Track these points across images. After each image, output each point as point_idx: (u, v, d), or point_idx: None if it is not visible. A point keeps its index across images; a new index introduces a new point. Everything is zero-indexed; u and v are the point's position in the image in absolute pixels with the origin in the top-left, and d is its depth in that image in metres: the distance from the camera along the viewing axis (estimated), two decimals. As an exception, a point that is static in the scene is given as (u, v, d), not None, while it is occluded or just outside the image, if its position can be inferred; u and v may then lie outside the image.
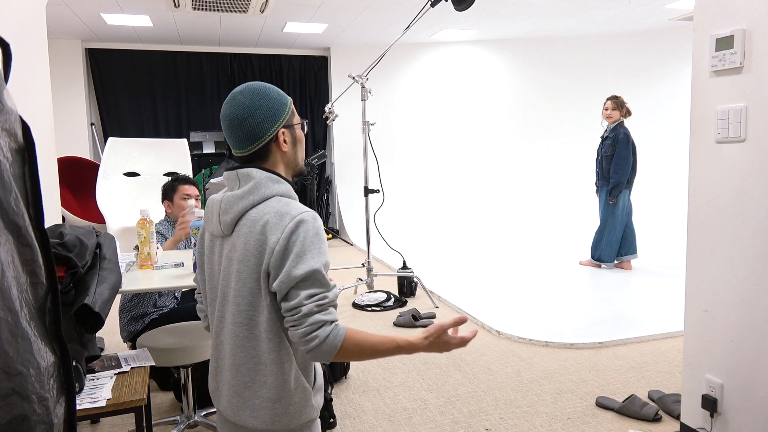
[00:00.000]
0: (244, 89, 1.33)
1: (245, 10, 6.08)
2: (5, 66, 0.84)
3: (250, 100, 1.30)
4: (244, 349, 1.29)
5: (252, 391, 1.28)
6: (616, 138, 5.15)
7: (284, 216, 1.24)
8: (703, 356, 2.27)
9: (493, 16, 6.90)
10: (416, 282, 4.79)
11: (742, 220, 2.08)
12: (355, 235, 7.89)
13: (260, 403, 1.28)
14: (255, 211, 1.27)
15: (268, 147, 1.33)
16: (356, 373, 3.25)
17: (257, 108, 1.30)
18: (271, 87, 1.35)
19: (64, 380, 0.86)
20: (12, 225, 0.77)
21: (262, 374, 1.28)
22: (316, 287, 1.21)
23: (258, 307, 1.27)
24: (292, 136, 1.37)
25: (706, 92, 2.20)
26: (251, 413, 1.29)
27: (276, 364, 1.27)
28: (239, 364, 1.29)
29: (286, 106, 1.35)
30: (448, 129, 8.70)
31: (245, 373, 1.29)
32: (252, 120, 1.30)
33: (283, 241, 1.22)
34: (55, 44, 7.27)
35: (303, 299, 1.19)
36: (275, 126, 1.32)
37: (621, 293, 4.62)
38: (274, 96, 1.33)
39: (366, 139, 4.55)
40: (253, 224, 1.26)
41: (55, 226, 1.97)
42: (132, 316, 2.84)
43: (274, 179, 1.31)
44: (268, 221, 1.24)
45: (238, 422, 1.31)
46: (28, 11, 2.63)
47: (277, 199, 1.28)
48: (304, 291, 1.20)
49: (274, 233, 1.23)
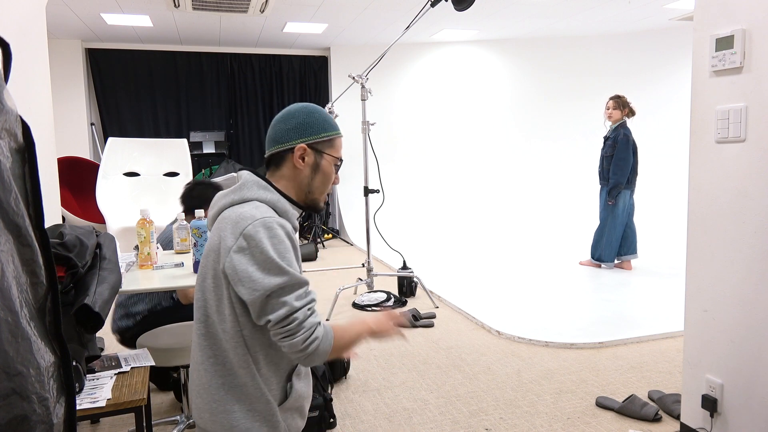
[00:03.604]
0: (303, 103, 1.37)
1: (245, 10, 6.08)
2: (5, 66, 0.84)
3: (297, 109, 1.34)
4: (202, 348, 1.25)
5: (210, 393, 1.24)
6: (616, 138, 5.15)
7: (245, 219, 1.21)
8: (703, 356, 2.27)
9: (493, 16, 6.90)
10: (416, 282, 4.79)
11: (742, 220, 2.08)
12: (355, 235, 7.89)
13: (218, 406, 1.23)
14: (229, 210, 1.27)
15: (283, 156, 1.32)
16: (356, 373, 3.25)
17: (295, 117, 1.32)
18: (324, 112, 1.36)
19: (64, 380, 0.86)
20: (12, 225, 0.77)
21: (221, 376, 1.23)
22: (299, 289, 1.19)
23: (214, 306, 1.24)
24: (315, 162, 1.33)
25: (706, 92, 2.20)
26: (210, 416, 1.24)
27: (236, 367, 1.22)
28: (198, 364, 1.27)
29: (325, 131, 1.33)
30: (448, 129, 8.70)
31: (203, 374, 1.25)
32: (284, 124, 1.32)
33: (241, 242, 1.18)
34: (55, 44, 7.27)
35: (294, 306, 1.16)
36: (298, 139, 1.31)
37: (621, 293, 4.62)
38: (318, 116, 1.34)
39: (366, 139, 4.55)
40: (221, 221, 1.26)
41: (55, 226, 1.97)
42: (126, 313, 2.82)
43: (262, 185, 1.29)
44: (232, 220, 1.23)
45: (203, 425, 1.26)
46: (28, 11, 2.63)
47: (253, 204, 1.25)
48: (288, 296, 1.16)
49: (231, 235, 1.21)
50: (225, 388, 1.23)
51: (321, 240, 7.62)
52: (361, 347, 3.64)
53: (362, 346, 3.65)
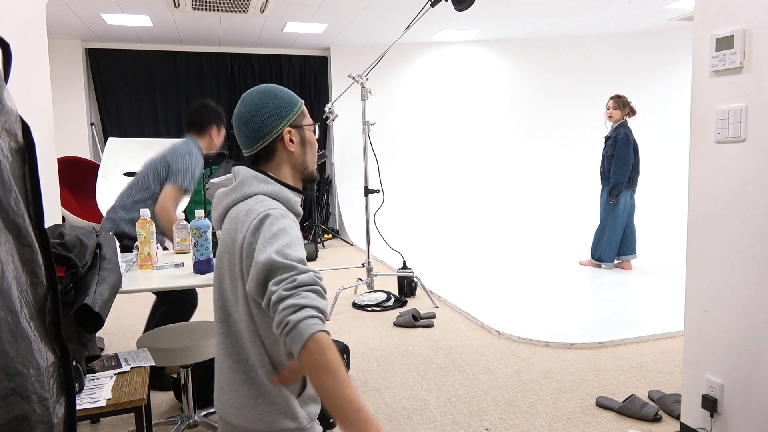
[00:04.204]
0: (253, 89, 1.34)
1: (245, 10, 6.08)
2: (5, 66, 0.84)
3: (257, 98, 1.32)
4: (223, 347, 1.28)
5: (233, 389, 1.26)
6: (616, 138, 5.15)
7: (250, 213, 1.22)
8: (703, 356, 2.27)
9: (493, 16, 6.90)
10: (416, 282, 4.79)
11: (742, 220, 2.08)
12: (355, 235, 7.89)
13: (242, 402, 1.26)
14: (234, 209, 1.28)
15: (273, 146, 1.33)
16: (356, 373, 3.25)
17: (263, 106, 1.31)
18: (280, 88, 1.35)
19: (64, 380, 0.86)
20: (12, 225, 0.77)
21: (243, 372, 1.25)
22: (284, 272, 1.12)
23: (234, 305, 1.26)
24: (301, 137, 1.36)
25: (706, 92, 2.20)
26: (234, 411, 1.27)
27: (257, 364, 1.24)
28: (221, 362, 1.29)
29: (295, 106, 1.35)
30: (448, 129, 8.70)
31: (225, 371, 1.28)
32: (257, 118, 1.30)
33: (249, 237, 1.19)
34: (55, 44, 7.27)
35: (271, 286, 1.11)
36: (281, 124, 1.32)
37: (621, 293, 4.62)
38: (282, 95, 1.33)
39: (366, 139, 4.55)
40: (230, 221, 1.27)
41: (55, 226, 1.97)
42: (131, 218, 2.85)
43: (261, 178, 1.30)
44: (239, 220, 1.24)
45: (227, 419, 1.29)
46: (28, 11, 2.63)
47: (257, 198, 1.27)
48: (273, 280, 1.12)
49: (241, 231, 1.22)
50: (248, 384, 1.25)
51: (321, 240, 7.62)
52: (361, 347, 3.64)
53: (362, 346, 3.66)
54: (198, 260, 2.25)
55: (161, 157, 2.95)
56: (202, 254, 2.24)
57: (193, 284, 2.17)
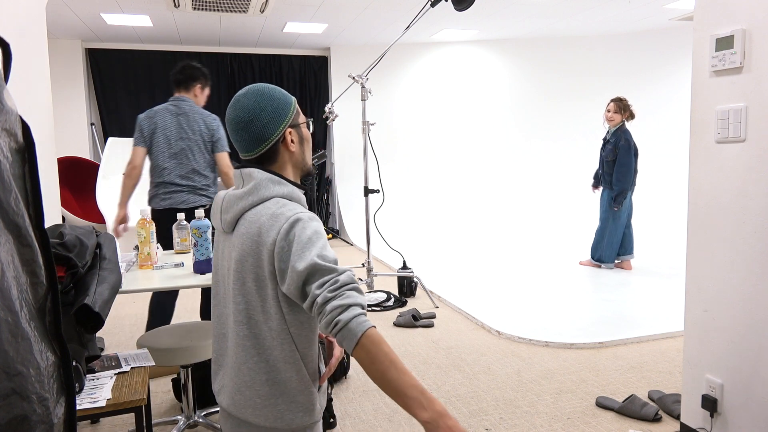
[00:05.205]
0: (247, 91, 1.32)
1: (245, 11, 6.08)
2: (5, 66, 0.84)
3: (254, 102, 1.30)
4: (245, 348, 1.28)
5: (253, 390, 1.28)
6: (617, 143, 5.11)
7: (278, 217, 1.23)
8: (703, 356, 2.27)
9: (493, 16, 6.90)
10: (416, 282, 4.79)
11: (742, 220, 2.08)
12: (355, 235, 7.89)
13: (262, 402, 1.27)
14: (252, 212, 1.27)
15: (276, 148, 1.33)
16: (356, 373, 3.25)
17: (262, 109, 1.30)
18: (274, 87, 1.35)
19: (64, 380, 0.86)
20: (12, 225, 0.77)
21: (265, 373, 1.27)
22: (325, 275, 1.18)
23: (259, 306, 1.26)
24: (299, 136, 1.37)
25: (706, 92, 2.20)
26: (253, 411, 1.28)
27: (281, 363, 1.26)
28: (240, 363, 1.29)
29: (291, 105, 1.35)
30: (448, 129, 8.70)
31: (246, 372, 1.28)
32: (258, 122, 1.29)
33: (280, 241, 1.20)
34: (55, 44, 7.27)
35: (315, 290, 1.16)
36: (282, 126, 1.32)
37: (621, 293, 4.62)
38: (278, 96, 1.33)
39: (366, 139, 4.55)
40: (250, 225, 1.26)
41: (55, 226, 1.97)
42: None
43: (275, 180, 1.30)
44: (263, 224, 1.23)
45: (241, 417, 1.30)
46: (28, 11, 2.63)
47: (275, 201, 1.27)
48: (314, 283, 1.17)
49: (269, 234, 1.22)
50: (269, 384, 1.27)
51: (321, 240, 7.61)
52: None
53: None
54: (198, 260, 2.25)
55: (198, 128, 3.27)
56: (202, 254, 2.24)
57: (193, 284, 2.17)
